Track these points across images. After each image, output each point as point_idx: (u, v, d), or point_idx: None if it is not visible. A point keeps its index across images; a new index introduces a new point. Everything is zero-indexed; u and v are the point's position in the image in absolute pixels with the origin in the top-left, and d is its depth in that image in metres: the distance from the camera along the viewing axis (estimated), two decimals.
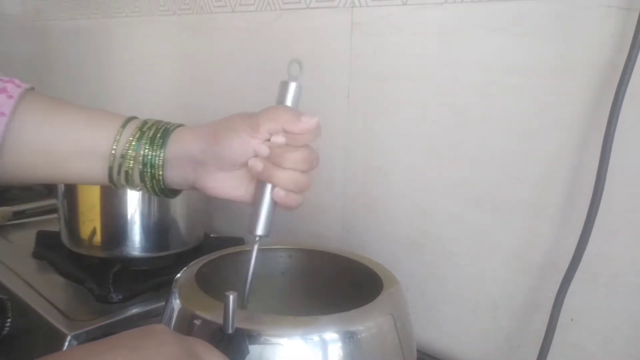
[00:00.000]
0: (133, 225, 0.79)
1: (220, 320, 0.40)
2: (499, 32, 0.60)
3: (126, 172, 0.48)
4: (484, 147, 0.63)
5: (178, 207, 0.83)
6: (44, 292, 0.73)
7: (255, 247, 0.47)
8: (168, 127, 0.49)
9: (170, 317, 0.47)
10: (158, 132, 0.48)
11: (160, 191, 0.50)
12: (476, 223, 0.65)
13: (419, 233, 0.71)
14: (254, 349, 0.40)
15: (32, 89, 0.50)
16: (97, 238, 0.80)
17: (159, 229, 0.81)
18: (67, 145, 0.48)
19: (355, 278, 0.55)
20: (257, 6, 0.88)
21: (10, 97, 0.47)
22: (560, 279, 0.55)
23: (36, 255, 0.86)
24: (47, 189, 1.18)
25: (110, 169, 0.48)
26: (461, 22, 0.63)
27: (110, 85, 1.29)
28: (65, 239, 0.84)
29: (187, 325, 0.44)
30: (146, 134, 0.48)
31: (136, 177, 0.49)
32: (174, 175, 0.49)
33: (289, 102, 0.47)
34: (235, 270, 0.57)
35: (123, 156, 0.48)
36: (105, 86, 1.31)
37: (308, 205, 0.48)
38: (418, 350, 0.68)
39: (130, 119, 0.49)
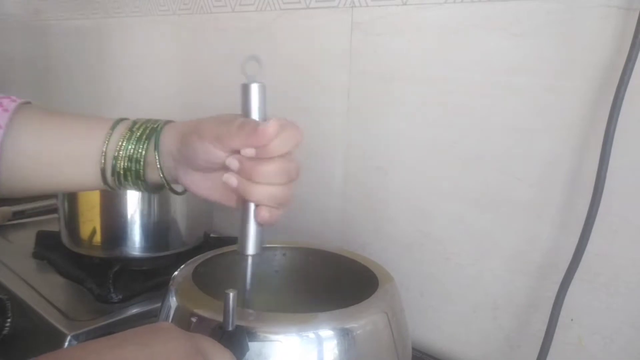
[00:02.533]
0: (133, 225, 0.79)
1: (217, 318, 0.41)
2: (499, 32, 0.60)
3: (119, 173, 0.49)
4: (484, 147, 0.63)
5: (178, 207, 0.83)
6: (44, 292, 0.73)
7: (249, 267, 0.45)
8: (156, 125, 0.49)
9: (167, 315, 0.47)
10: (146, 131, 0.48)
11: (147, 189, 0.50)
12: (476, 223, 0.65)
13: (419, 233, 0.71)
14: (250, 346, 0.40)
15: (28, 103, 0.51)
16: (97, 238, 0.80)
17: (159, 229, 0.81)
18: (62, 152, 0.49)
19: (350, 276, 0.55)
20: (257, 6, 0.88)
21: (5, 110, 0.48)
22: (560, 279, 0.55)
23: (36, 255, 0.86)
24: None
25: (103, 170, 0.49)
26: (461, 22, 0.63)
27: (110, 85, 1.29)
28: (65, 239, 0.84)
29: (184, 323, 0.44)
30: (135, 133, 0.48)
31: (129, 177, 0.49)
32: (163, 172, 0.49)
33: (254, 107, 0.43)
34: (232, 268, 0.57)
35: (115, 157, 0.48)
36: (105, 86, 1.31)
37: (308, 205, 0.48)
38: (418, 351, 0.68)
39: (120, 120, 0.50)
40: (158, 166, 0.48)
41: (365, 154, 0.76)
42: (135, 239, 0.79)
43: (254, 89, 0.43)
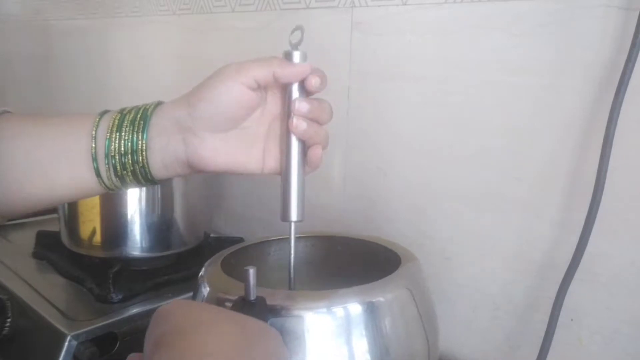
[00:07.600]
0: (133, 225, 0.79)
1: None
2: (499, 32, 0.60)
3: (115, 168, 0.43)
4: (483, 147, 0.63)
5: (178, 207, 0.83)
6: (44, 292, 0.73)
7: (292, 234, 0.45)
8: (147, 107, 0.44)
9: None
10: (138, 114, 0.44)
11: (144, 178, 0.44)
12: (476, 223, 0.65)
13: (419, 233, 0.71)
14: (279, 322, 0.41)
15: (8, 112, 0.47)
16: (97, 238, 0.80)
17: (159, 229, 0.81)
18: (47, 149, 0.44)
19: (375, 258, 0.56)
20: (257, 6, 0.88)
21: None
22: (560, 279, 0.55)
23: (36, 255, 0.86)
24: None
25: (97, 169, 0.43)
26: (461, 22, 0.63)
27: (110, 85, 1.29)
28: (65, 239, 0.84)
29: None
30: (126, 117, 0.43)
31: (128, 171, 0.44)
32: (162, 157, 0.43)
33: None
34: (257, 260, 0.58)
35: (107, 153, 0.43)
36: (105, 86, 1.31)
37: (308, 205, 0.48)
38: None
39: (107, 111, 0.46)
40: (143, 156, 0.43)
41: (365, 154, 0.76)
42: (136, 239, 0.79)
43: (296, 56, 0.45)
